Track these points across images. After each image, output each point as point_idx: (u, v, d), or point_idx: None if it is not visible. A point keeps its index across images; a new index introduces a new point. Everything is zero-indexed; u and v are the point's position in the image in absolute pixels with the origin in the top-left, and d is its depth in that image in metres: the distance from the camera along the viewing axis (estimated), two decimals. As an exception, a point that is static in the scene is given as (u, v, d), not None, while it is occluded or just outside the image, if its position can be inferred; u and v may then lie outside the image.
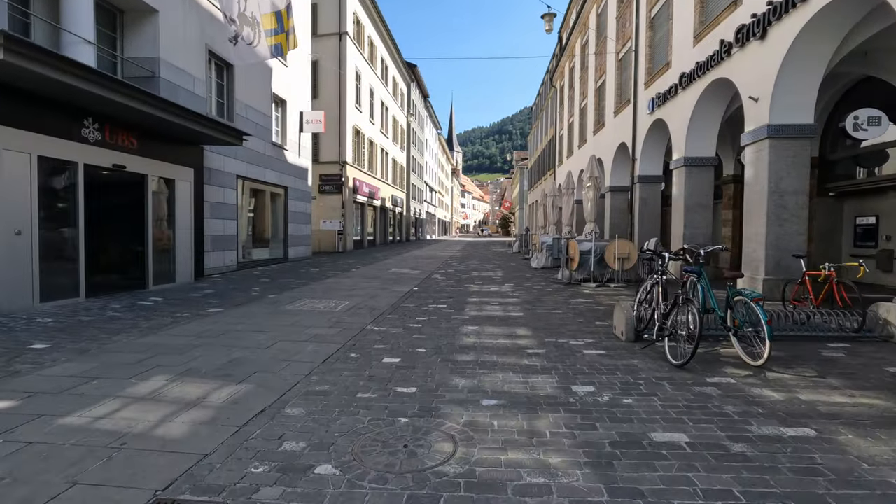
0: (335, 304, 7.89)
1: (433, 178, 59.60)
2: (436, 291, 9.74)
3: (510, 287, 10.49)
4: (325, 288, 9.99)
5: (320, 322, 6.47)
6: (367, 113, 26.49)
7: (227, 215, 12.20)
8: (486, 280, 11.88)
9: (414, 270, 14.27)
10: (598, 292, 9.60)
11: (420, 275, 13.01)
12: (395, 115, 34.58)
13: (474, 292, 9.65)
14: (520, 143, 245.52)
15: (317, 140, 23.14)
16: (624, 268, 10.63)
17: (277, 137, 15.47)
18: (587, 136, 22.93)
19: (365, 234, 27.30)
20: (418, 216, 48.04)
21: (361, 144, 25.54)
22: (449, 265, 16.49)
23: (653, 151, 14.95)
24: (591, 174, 13.29)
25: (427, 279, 11.99)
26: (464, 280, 11.86)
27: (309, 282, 11.07)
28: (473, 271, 14.23)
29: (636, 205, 15.33)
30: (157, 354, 4.75)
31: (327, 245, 23.17)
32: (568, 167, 27.49)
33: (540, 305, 8.00)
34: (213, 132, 9.52)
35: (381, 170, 30.86)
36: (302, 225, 17.10)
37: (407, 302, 8.33)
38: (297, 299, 8.39)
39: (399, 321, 6.62)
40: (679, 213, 11.98)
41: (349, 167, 23.63)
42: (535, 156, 45.98)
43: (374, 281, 11.40)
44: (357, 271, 13.78)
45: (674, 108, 12.50)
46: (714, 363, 4.53)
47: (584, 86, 23.90)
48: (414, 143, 43.95)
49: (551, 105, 35.62)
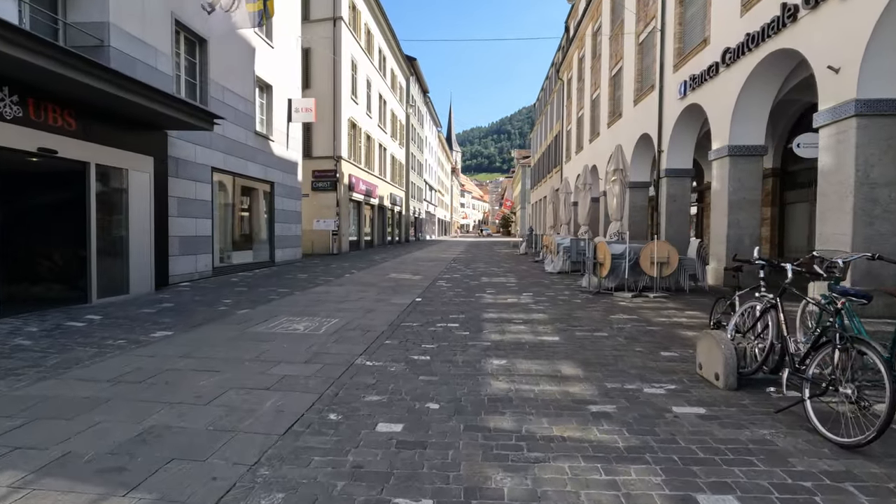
0: (319, 324, 6.28)
1: (433, 176, 58.01)
2: (443, 304, 8.13)
3: (530, 297, 8.89)
4: (311, 300, 8.37)
5: (295, 353, 4.86)
6: (363, 105, 24.88)
7: (200, 213, 10.58)
8: (500, 288, 10.28)
9: (415, 276, 12.67)
10: (639, 305, 8.00)
11: (422, 281, 11.40)
12: (393, 110, 32.98)
13: (489, 305, 8.04)
14: (518, 143, 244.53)
15: (309, 133, 21.53)
16: (662, 274, 9.04)
17: (262, 126, 13.85)
18: (600, 129, 21.35)
19: (362, 234, 25.69)
20: (418, 216, 46.45)
21: (358, 139, 23.93)
22: (454, 269, 14.89)
23: (682, 142, 13.36)
24: (616, 166, 11.72)
25: (431, 287, 10.39)
26: (474, 288, 10.26)
27: (293, 291, 9.45)
28: (482, 276, 12.63)
29: (662, 202, 13.74)
30: (32, 420, 3.14)
31: (321, 246, 21.55)
32: (578, 163, 25.93)
33: (575, 324, 6.40)
34: (177, 113, 7.91)
35: (378, 166, 29.25)
36: (291, 224, 15.48)
37: (409, 319, 6.73)
38: (272, 316, 6.77)
39: (400, 351, 5.01)
40: (721, 210, 10.39)
41: (344, 163, 22.01)
42: (539, 153, 44.42)
43: (369, 290, 9.79)
44: (351, 277, 12.17)
45: (713, 89, 10.91)
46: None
47: (595, 75, 22.32)
48: (413, 140, 42.36)
49: (557, 99, 34.05)
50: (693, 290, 9.59)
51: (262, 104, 13.94)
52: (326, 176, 21.44)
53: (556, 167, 33.58)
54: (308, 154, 21.61)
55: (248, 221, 13.46)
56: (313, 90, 21.32)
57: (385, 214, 31.47)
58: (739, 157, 10.11)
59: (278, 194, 14.52)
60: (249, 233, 13.50)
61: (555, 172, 33.92)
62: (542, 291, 9.69)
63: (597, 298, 8.73)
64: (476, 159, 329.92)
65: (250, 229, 13.54)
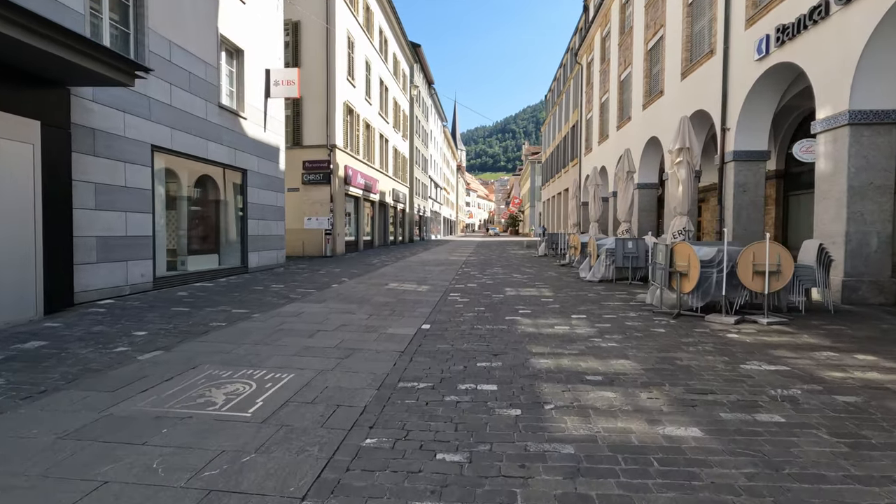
0: (255, 391, 3.63)
1: (438, 173, 55.33)
2: (462, 336, 5.46)
3: (586, 323, 6.20)
4: (267, 331, 5.72)
5: (153, 498, 2.20)
6: (361, 89, 22.23)
7: (134, 206, 7.96)
8: (535, 305, 7.59)
9: (421, 286, 10.00)
10: (760, 339, 5.29)
11: (430, 295, 8.74)
12: (396, 98, 30.32)
13: (532, 338, 5.36)
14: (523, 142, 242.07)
15: (298, 119, 18.91)
16: (770, 288, 6.31)
17: (230, 100, 11.22)
18: (632, 113, 18.59)
19: (360, 233, 23.05)
20: (423, 214, 43.79)
21: (355, 126, 21.30)
22: (467, 275, 12.20)
23: (757, 115, 10.62)
24: (682, 144, 9.00)
25: (442, 304, 7.72)
26: (499, 306, 7.58)
27: (251, 313, 6.80)
28: (505, 287, 9.94)
29: (728, 192, 11.00)
30: None
31: (313, 248, 18.93)
32: (601, 153, 23.18)
33: (697, 383, 3.72)
34: (67, 52, 5.28)
35: (380, 159, 26.60)
36: (270, 222, 12.84)
37: (412, 373, 4.06)
38: (189, 368, 4.13)
39: (391, 478, 2.33)
40: (835, 200, 7.66)
41: (339, 152, 19.38)
42: (551, 148, 41.65)
43: (358, 310, 7.13)
44: (339, 288, 9.51)
45: (818, 40, 8.18)
46: None
47: (625, 52, 19.57)
48: (417, 133, 39.70)
49: (574, 87, 31.30)
50: (812, 311, 6.87)
51: (232, 73, 11.31)
52: (319, 167, 18.80)
53: (573, 160, 30.83)
54: (298, 142, 19.02)
55: (212, 218, 10.82)
56: (303, 69, 18.69)
57: (387, 212, 28.83)
58: (865, 125, 7.37)
59: (253, 185, 11.89)
60: (213, 232, 10.87)
61: (571, 166, 31.17)
62: (596, 312, 6.98)
63: (684, 326, 6.02)
64: (480, 158, 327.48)
65: (214, 228, 10.91)
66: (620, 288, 9.71)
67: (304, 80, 18.73)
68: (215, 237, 10.90)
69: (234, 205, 11.49)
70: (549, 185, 43.24)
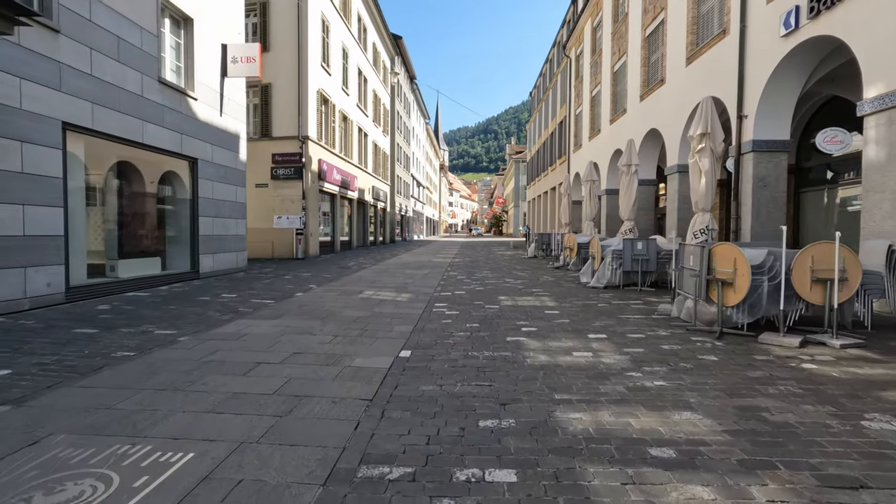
0: (112, 499, 2.12)
1: (420, 171, 53.83)
2: (454, 370, 4.04)
3: (609, 346, 4.85)
4: (185, 366, 4.21)
5: None
6: (337, 78, 20.63)
7: (38, 197, 6.34)
8: (542, 321, 6.22)
9: (401, 294, 8.55)
10: (862, 376, 4.00)
11: (411, 305, 7.30)
12: (376, 91, 28.74)
13: (549, 371, 3.98)
14: (505, 142, 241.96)
15: (267, 107, 17.25)
16: (831, 301, 5.05)
17: (176, 76, 9.59)
18: (628, 105, 17.43)
19: (337, 234, 21.43)
20: (404, 213, 42.23)
21: (330, 117, 19.69)
22: (454, 281, 10.79)
23: (781, 101, 9.47)
24: (704, 129, 7.78)
25: (426, 319, 6.29)
26: (498, 321, 6.19)
27: (176, 337, 5.26)
28: (500, 295, 8.55)
29: (745, 187, 9.83)
30: None
31: (284, 249, 17.28)
32: (593, 148, 22.05)
33: (827, 461, 2.36)
34: None
35: (359, 154, 25.01)
36: (228, 221, 11.22)
37: (380, 449, 2.63)
38: (18, 447, 2.61)
39: None
40: (891, 192, 6.48)
41: (313, 145, 17.76)
42: (537, 146, 40.57)
43: (320, 329, 5.66)
44: (302, 298, 8.00)
45: (868, 7, 7.00)
46: None
47: (618, 42, 18.43)
48: (399, 129, 38.14)
49: (562, 81, 30.19)
50: (881, 326, 5.64)
51: (179, 45, 9.67)
52: (289, 161, 17.16)
53: (560, 158, 29.70)
54: (266, 133, 17.35)
55: (152, 215, 9.18)
56: (273, 54, 17.05)
57: (366, 211, 27.23)
58: (929, 104, 6.20)
59: (206, 177, 10.26)
60: (155, 232, 9.22)
61: (559, 164, 30.05)
62: (617, 329, 5.64)
63: (738, 350, 4.71)
64: (463, 159, 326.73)
65: (157, 227, 9.26)
66: (631, 295, 8.41)
67: (273, 66, 17.09)
68: (158, 237, 9.25)
69: (182, 199, 9.84)
70: (534, 184, 42.15)
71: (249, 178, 17.25)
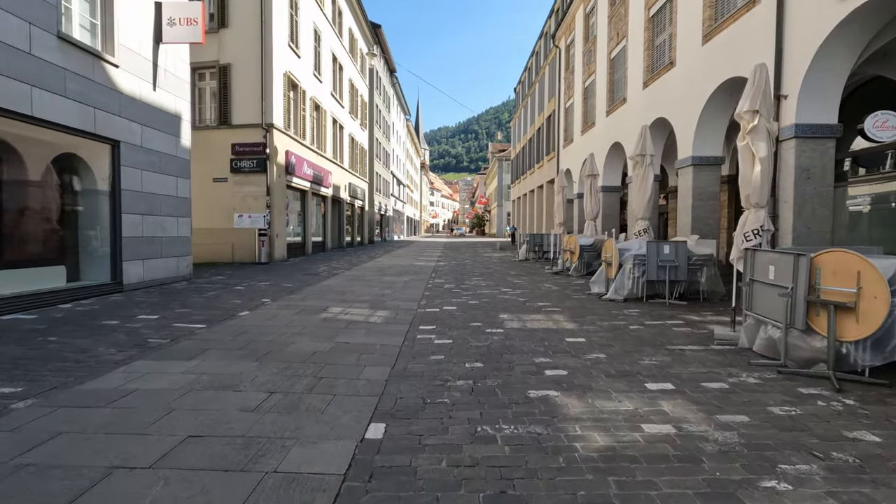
0: None
1: (401, 169, 51.86)
2: (464, 479, 2.25)
3: (689, 408, 3.17)
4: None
5: None
6: (308, 62, 18.63)
7: None
8: (568, 357, 4.53)
9: (376, 312, 6.74)
10: None
11: (388, 330, 5.51)
12: (353, 80, 26.76)
13: (616, 464, 2.25)
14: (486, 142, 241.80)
15: (226, 91, 15.20)
16: None
17: (87, 35, 7.56)
18: (628, 94, 15.94)
19: (308, 234, 19.42)
20: (384, 213, 40.25)
21: (300, 105, 17.68)
22: (441, 291, 9.03)
23: (830, 77, 7.99)
24: (754, 105, 6.21)
25: (409, 356, 4.52)
26: (508, 358, 4.47)
27: (13, 403, 3.36)
28: (501, 312, 6.82)
29: (785, 179, 8.30)
30: None
31: (245, 252, 15.23)
32: (586, 144, 20.53)
33: None
34: None
35: (334, 148, 23.01)
36: (165, 219, 9.22)
37: None
38: None
39: None
40: None
41: (279, 134, 15.76)
42: (522, 143, 39.10)
43: (248, 380, 3.82)
44: (243, 321, 6.13)
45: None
46: None
47: (617, 25, 16.94)
48: (378, 123, 36.16)
49: (549, 74, 28.72)
50: None
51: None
52: (252, 152, 15.13)
53: (549, 154, 28.21)
54: (225, 121, 15.29)
55: (52, 211, 7.14)
56: (232, 31, 15.03)
57: (342, 209, 25.23)
58: None
59: (131, 164, 8.24)
60: (55, 234, 7.18)
61: (548, 160, 28.56)
62: (682, 373, 3.95)
63: (890, 415, 3.06)
64: (444, 159, 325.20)
65: (58, 227, 7.22)
66: (663, 311, 6.78)
67: (233, 44, 15.06)
68: (60, 241, 7.22)
69: (97, 192, 7.82)
70: (519, 182, 40.67)
71: (207, 170, 15.20)
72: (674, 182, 16.02)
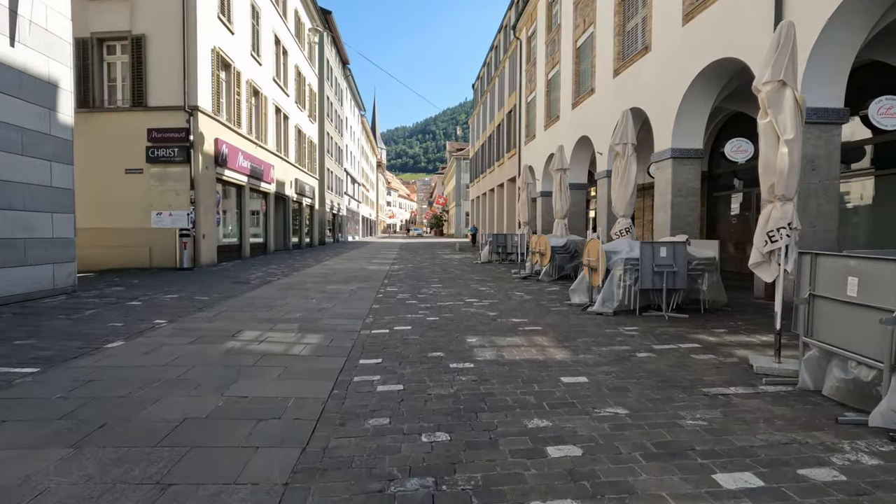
0: None
1: (355, 167, 49.62)
2: None
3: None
4: None
5: None
6: (245, 39, 16.50)
7: None
8: (586, 430, 3.07)
9: (303, 339, 5.08)
10: None
11: (314, 369, 3.90)
12: (299, 67, 24.60)
13: None
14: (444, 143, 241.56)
15: (140, 68, 12.95)
16: None
17: None
18: (596, 84, 14.89)
19: (245, 235, 17.24)
20: (337, 212, 38.03)
21: (234, 88, 15.55)
22: (395, 303, 7.43)
23: (835, 60, 7.05)
24: (780, 73, 5.03)
25: (333, 423, 2.92)
26: (490, 423, 2.98)
27: None
28: (470, 336, 5.33)
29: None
30: None
31: (165, 256, 13.01)
32: (550, 139, 19.46)
33: None
34: None
35: (277, 139, 20.85)
36: (30, 216, 7.10)
37: None
38: None
39: None
40: None
41: (207, 119, 13.62)
42: (481, 141, 37.99)
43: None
44: (86, 370, 4.30)
45: None
46: None
47: (583, 11, 15.89)
48: (329, 117, 33.97)
49: (509, 68, 27.64)
50: None
51: None
52: (172, 138, 12.94)
53: (510, 151, 27.11)
54: (140, 102, 13.02)
55: None
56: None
57: (287, 208, 23.04)
58: None
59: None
60: None
61: (508, 158, 27.46)
62: (768, 455, 2.56)
63: None
64: (401, 159, 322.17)
65: None
66: (667, 329, 5.49)
67: (148, 10, 12.82)
68: None
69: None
70: (478, 181, 39.53)
71: (118, 160, 12.94)
72: (644, 179, 15.13)
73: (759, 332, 5.38)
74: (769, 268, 5.22)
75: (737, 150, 11.21)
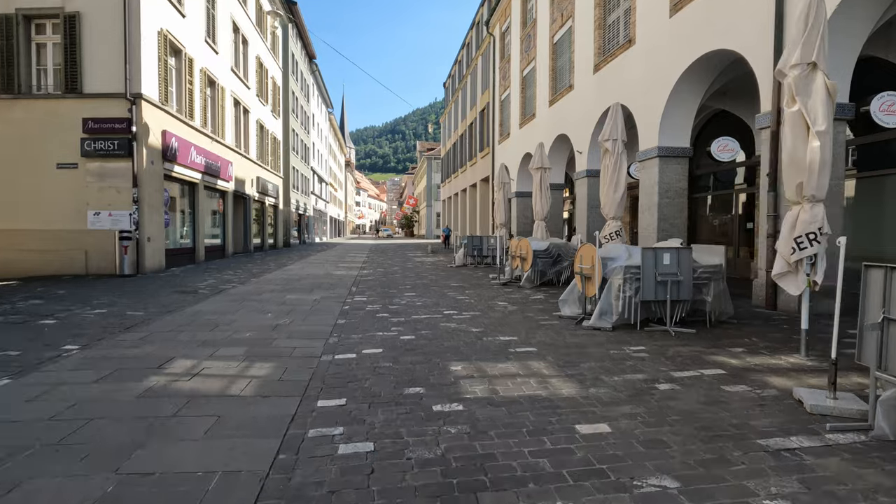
0: None
1: (323, 166, 48.00)
2: None
3: None
4: None
5: None
6: (198, 23, 15.14)
7: None
8: None
9: (246, 372, 4.10)
10: None
11: (251, 428, 2.93)
12: (261, 59, 23.17)
13: None
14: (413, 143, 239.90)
15: (74, 50, 11.56)
16: None
17: None
18: (575, 80, 14.31)
19: (199, 237, 15.83)
20: (303, 212, 36.49)
21: (185, 75, 14.17)
22: (363, 317, 6.49)
23: (842, 51, 6.55)
24: (811, 55, 4.38)
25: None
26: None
27: None
28: (454, 363, 4.47)
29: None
30: None
31: (104, 261, 11.60)
32: (526, 137, 18.83)
33: None
34: None
35: (236, 134, 19.44)
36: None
37: None
38: None
39: None
40: None
41: (152, 109, 12.26)
42: (453, 140, 37.23)
43: None
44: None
45: None
46: None
47: (561, 5, 15.30)
48: (295, 113, 32.46)
49: (482, 66, 26.96)
50: None
51: None
52: (111, 130, 11.55)
53: (482, 151, 26.42)
54: (73, 87, 11.58)
55: None
56: (81, -33, 11.34)
57: (248, 207, 21.60)
58: None
59: None
60: None
61: (481, 157, 26.77)
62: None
63: None
64: (370, 158, 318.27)
65: None
66: (679, 349, 4.77)
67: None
68: None
69: None
70: (450, 181, 38.75)
71: (48, 153, 11.53)
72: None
73: (782, 351, 4.73)
74: (796, 279, 4.59)
75: (723, 149, 10.80)
